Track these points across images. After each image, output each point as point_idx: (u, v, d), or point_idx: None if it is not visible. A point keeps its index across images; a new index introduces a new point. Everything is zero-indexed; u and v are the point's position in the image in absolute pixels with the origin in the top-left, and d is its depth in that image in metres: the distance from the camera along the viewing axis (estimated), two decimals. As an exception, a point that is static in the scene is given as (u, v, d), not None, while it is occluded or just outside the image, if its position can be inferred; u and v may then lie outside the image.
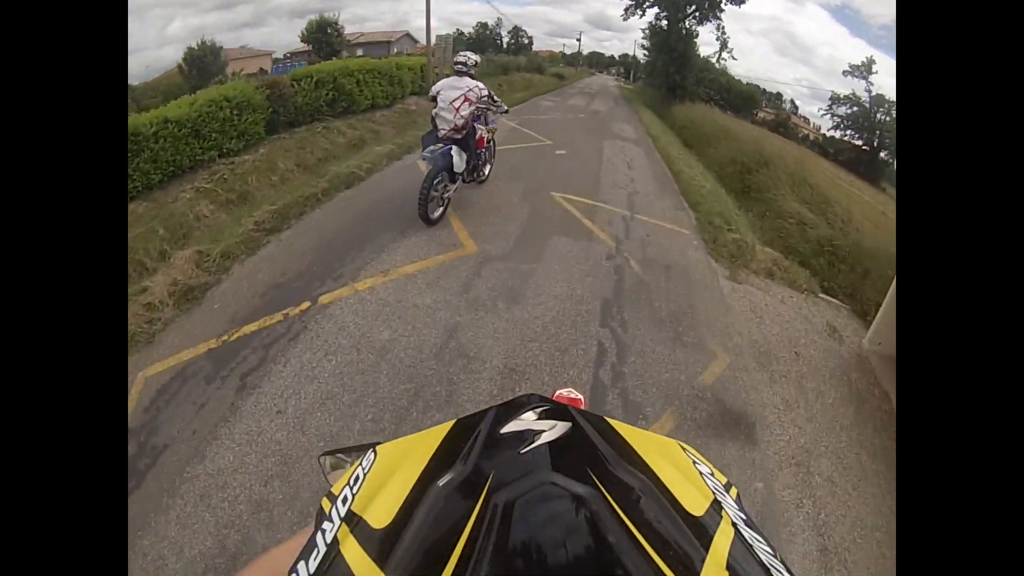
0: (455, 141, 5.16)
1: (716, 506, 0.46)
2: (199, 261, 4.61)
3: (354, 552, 0.40)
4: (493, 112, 5.55)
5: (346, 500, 0.47)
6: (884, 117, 22.31)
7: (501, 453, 0.47)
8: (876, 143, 22.32)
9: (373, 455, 0.53)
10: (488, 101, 5.31)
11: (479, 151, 5.69)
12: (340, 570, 0.39)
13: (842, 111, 23.55)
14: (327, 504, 0.49)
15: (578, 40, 39.53)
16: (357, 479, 0.50)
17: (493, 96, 5.36)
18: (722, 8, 23.21)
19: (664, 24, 24.66)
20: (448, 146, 5.05)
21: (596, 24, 54.83)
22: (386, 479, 0.48)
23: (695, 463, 0.54)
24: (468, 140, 5.29)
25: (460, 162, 5.20)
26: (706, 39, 24.60)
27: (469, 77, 5.25)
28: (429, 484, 0.44)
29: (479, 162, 5.85)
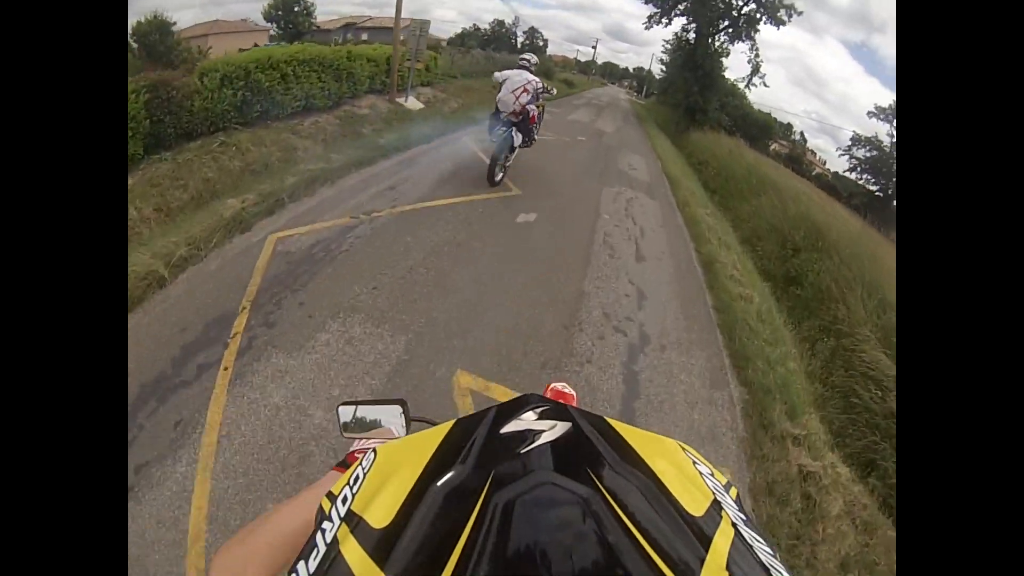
0: (513, 123, 6.44)
1: (716, 506, 0.45)
2: None
3: (354, 552, 0.40)
4: (544, 95, 6.87)
5: (346, 500, 0.47)
6: None
7: (501, 453, 0.45)
8: (891, 190, 21.96)
9: (373, 455, 0.52)
10: (542, 91, 6.65)
11: (531, 127, 6.82)
12: (340, 570, 0.39)
13: (861, 153, 23.29)
14: (327, 504, 0.48)
15: (593, 48, 40.03)
16: (357, 479, 0.49)
17: (546, 87, 6.81)
18: (757, 28, 20.04)
19: (691, 37, 21.53)
20: (508, 130, 6.44)
21: (614, 35, 56.63)
22: (386, 479, 0.47)
23: (695, 463, 0.52)
24: (524, 121, 6.55)
25: (517, 140, 6.69)
26: (730, 62, 22.72)
27: (529, 72, 6.50)
28: (429, 484, 0.43)
29: (532, 135, 7.04)
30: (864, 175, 23.36)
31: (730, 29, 20.66)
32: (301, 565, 0.42)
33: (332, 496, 0.49)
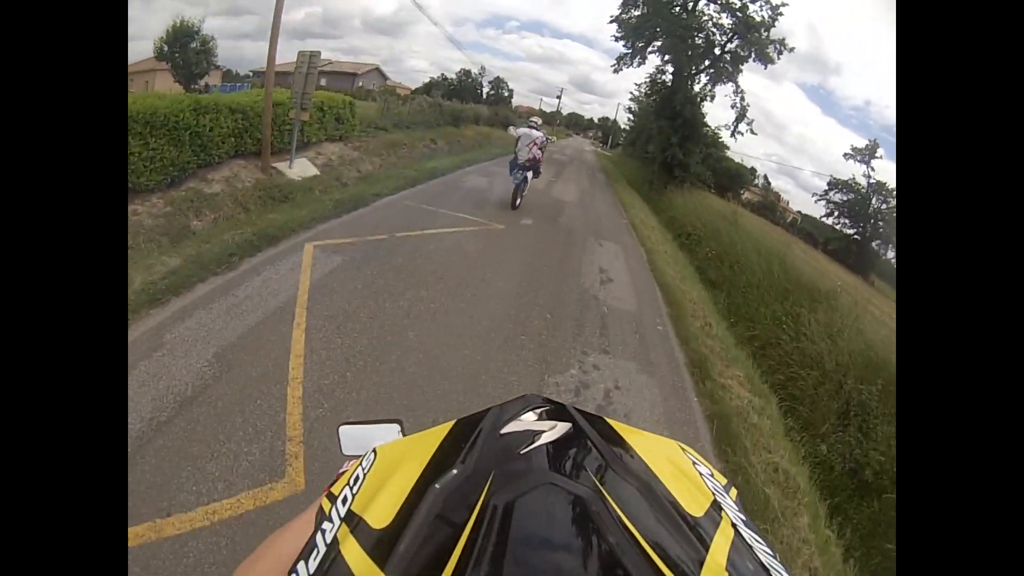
0: (527, 167, 9.31)
1: (716, 507, 0.46)
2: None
3: (354, 552, 0.40)
4: (547, 143, 9.90)
5: (346, 500, 0.47)
6: (881, 205, 21.83)
7: (501, 453, 0.46)
8: (868, 232, 22.06)
9: (373, 455, 0.53)
10: (545, 141, 9.54)
11: (538, 165, 9.61)
12: (340, 570, 0.39)
13: (837, 197, 23.23)
14: (327, 504, 0.49)
15: (558, 98, 40.37)
16: (357, 479, 0.50)
17: (548, 137, 10.21)
18: (741, 68, 17.29)
19: (667, 79, 18.60)
20: (525, 173, 9.40)
21: (580, 87, 59.89)
22: (386, 479, 0.47)
23: (695, 464, 0.54)
24: (536, 165, 9.44)
25: (531, 176, 9.61)
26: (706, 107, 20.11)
27: (536, 130, 9.32)
28: (429, 484, 0.43)
29: (538, 170, 9.89)
30: (842, 219, 23.35)
31: (711, 70, 17.67)
32: (301, 565, 0.42)
33: (332, 496, 0.50)
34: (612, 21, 19.10)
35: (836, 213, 23.66)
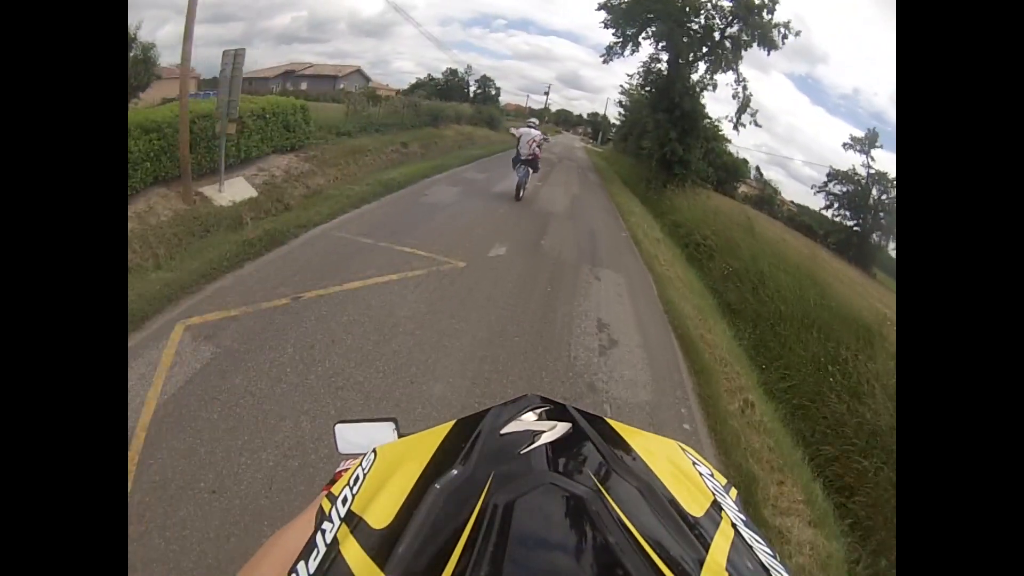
0: (528, 163, 11.12)
1: (716, 507, 0.47)
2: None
3: (354, 552, 0.40)
4: (544, 142, 11.95)
5: (346, 500, 0.48)
6: (881, 196, 21.48)
7: (501, 453, 0.46)
8: (869, 224, 21.92)
9: (373, 455, 0.54)
10: (543, 140, 11.55)
11: (536, 162, 11.49)
12: (340, 570, 0.40)
13: (837, 188, 22.88)
14: (327, 504, 0.50)
15: (546, 94, 41.99)
16: (357, 479, 0.50)
17: (546, 136, 12.14)
18: (741, 55, 15.85)
19: (662, 67, 17.04)
20: (527, 168, 11.17)
21: (568, 83, 59.46)
22: (386, 479, 0.48)
23: (695, 464, 0.54)
24: (535, 161, 11.31)
25: (532, 170, 11.45)
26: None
27: (535, 129, 11.32)
28: (429, 484, 0.44)
29: (537, 166, 11.68)
30: (841, 211, 23.03)
31: (710, 57, 16.20)
32: (301, 565, 0.43)
33: (332, 497, 0.50)
34: (600, 8, 17.95)
35: (836, 205, 23.26)
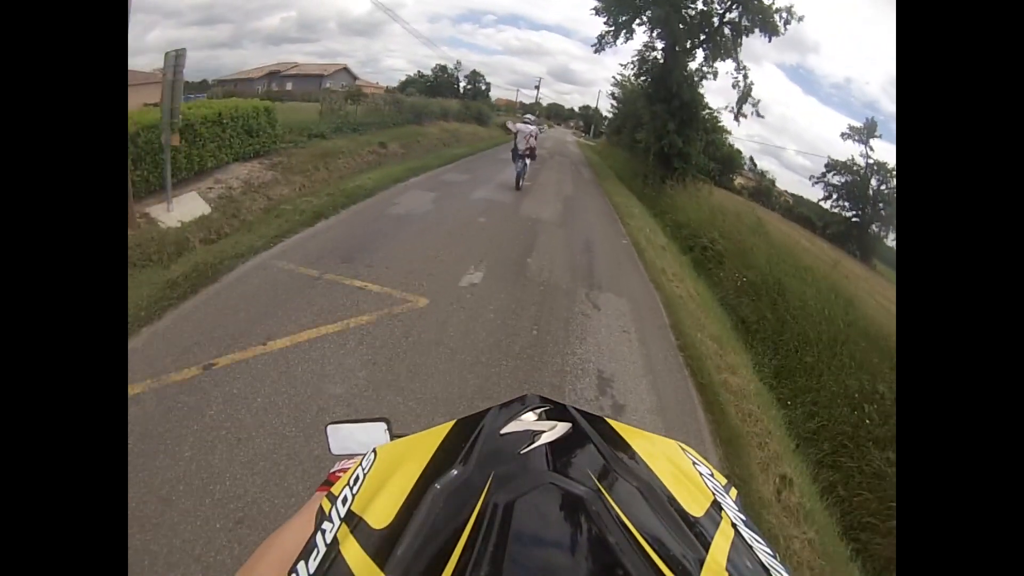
0: (525, 155, 12.31)
1: (716, 507, 0.47)
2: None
3: (354, 552, 0.41)
4: (541, 133, 15.98)
5: (346, 500, 0.48)
6: (881, 186, 21.11)
7: (501, 453, 0.47)
8: (868, 215, 21.66)
9: (373, 455, 0.55)
10: (540, 132, 14.03)
11: (534, 152, 12.79)
12: (340, 570, 0.40)
13: (836, 179, 22.62)
14: (327, 504, 0.50)
15: (536, 88, 41.34)
16: (357, 479, 0.51)
17: (541, 130, 15.48)
18: (740, 42, 14.94)
19: (657, 56, 16.07)
20: (524, 161, 12.37)
21: (559, 77, 60.96)
22: (386, 479, 0.48)
23: (695, 463, 0.55)
24: (532, 153, 12.57)
25: (529, 165, 12.77)
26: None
27: (532, 125, 12.65)
28: (429, 484, 0.44)
29: (534, 155, 12.99)
30: (840, 202, 22.75)
31: (709, 44, 15.47)
32: (301, 566, 0.43)
33: (332, 497, 0.51)
34: (591, -6, 16.70)
35: (835, 196, 22.92)
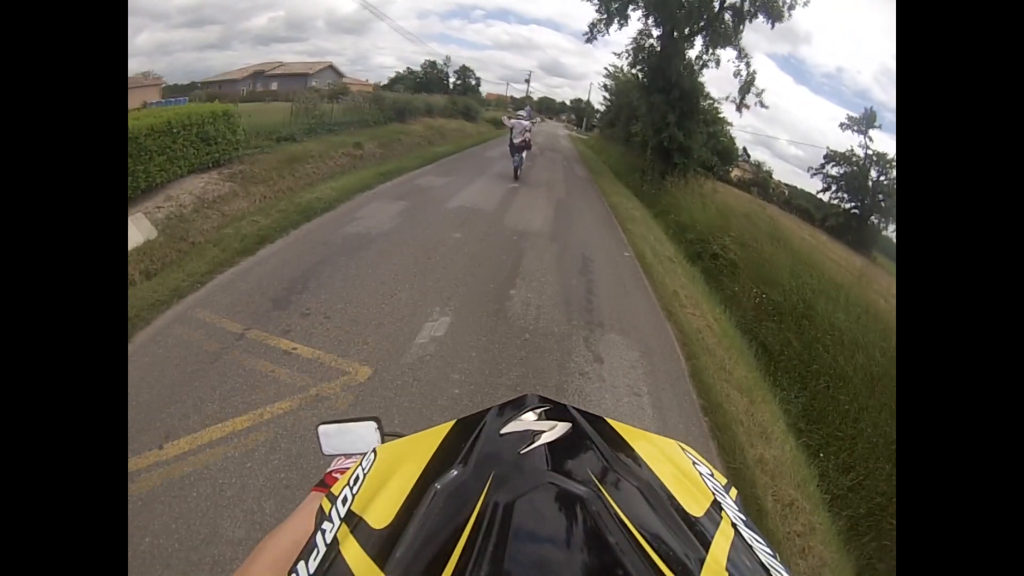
0: (520, 148, 13.12)
1: (716, 507, 0.48)
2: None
3: (354, 552, 0.41)
4: (536, 124, 18.65)
5: (346, 500, 0.49)
6: (881, 177, 21.07)
7: (501, 453, 0.47)
8: (868, 206, 21.64)
9: (373, 455, 0.56)
10: (533, 124, 14.94)
11: (529, 143, 13.41)
12: (340, 570, 0.41)
13: (835, 171, 22.64)
14: (327, 504, 0.51)
15: (527, 81, 43.31)
16: (357, 479, 0.52)
17: (534, 123, 15.94)
18: (742, 28, 14.07)
19: (654, 43, 15.14)
20: (521, 153, 13.24)
21: (549, 71, 62.70)
22: (386, 479, 0.49)
23: (695, 463, 0.56)
24: (527, 145, 13.36)
25: (525, 157, 13.78)
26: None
27: (525, 120, 13.39)
28: (429, 484, 0.45)
29: (531, 146, 13.85)
30: (839, 193, 22.79)
31: (709, 30, 14.62)
32: (301, 566, 0.43)
33: (332, 497, 0.51)
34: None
35: (834, 187, 22.93)
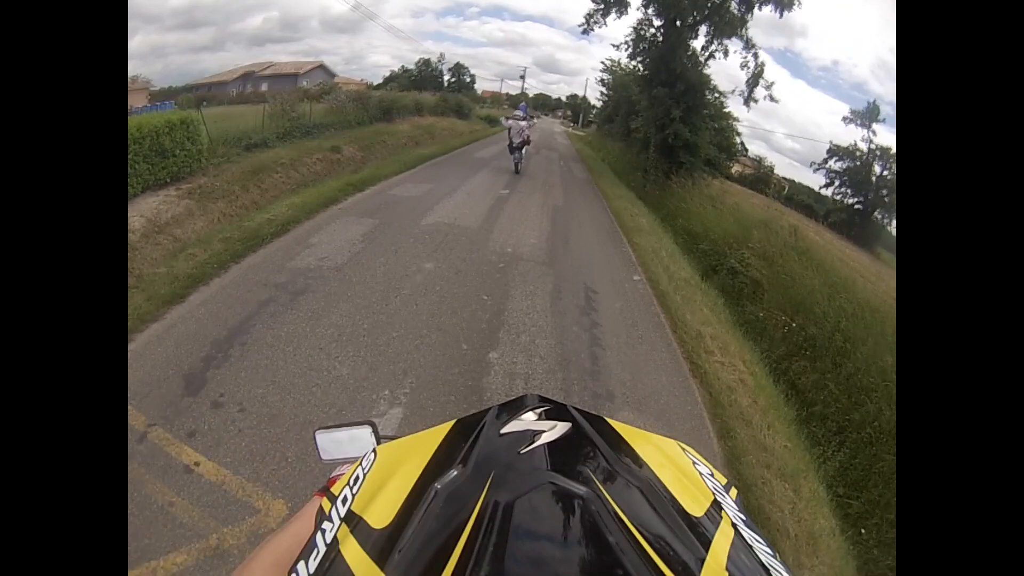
0: (519, 147, 14.49)
1: (716, 506, 0.49)
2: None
3: (354, 552, 0.42)
4: (534, 123, 17.91)
5: (346, 500, 0.50)
6: (884, 172, 20.65)
7: (501, 453, 0.48)
8: (872, 201, 21.32)
9: (373, 455, 0.57)
10: (532, 124, 16.02)
11: (527, 141, 14.57)
12: (340, 570, 0.41)
13: (838, 165, 22.30)
14: (327, 504, 0.53)
15: (522, 78, 41.76)
16: (357, 479, 0.53)
17: (532, 123, 16.19)
18: (748, 18, 13.16)
19: (653, 33, 14.14)
20: (520, 151, 14.54)
21: (544, 67, 63.59)
22: (386, 479, 0.50)
23: (695, 463, 0.57)
24: (526, 144, 14.73)
25: (524, 154, 15.16)
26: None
27: (523, 119, 14.66)
28: (429, 484, 0.46)
29: (529, 143, 14.89)
30: (843, 188, 22.43)
31: (713, 19, 13.67)
32: (301, 565, 0.44)
33: (332, 496, 0.52)
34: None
35: (837, 183, 22.62)
